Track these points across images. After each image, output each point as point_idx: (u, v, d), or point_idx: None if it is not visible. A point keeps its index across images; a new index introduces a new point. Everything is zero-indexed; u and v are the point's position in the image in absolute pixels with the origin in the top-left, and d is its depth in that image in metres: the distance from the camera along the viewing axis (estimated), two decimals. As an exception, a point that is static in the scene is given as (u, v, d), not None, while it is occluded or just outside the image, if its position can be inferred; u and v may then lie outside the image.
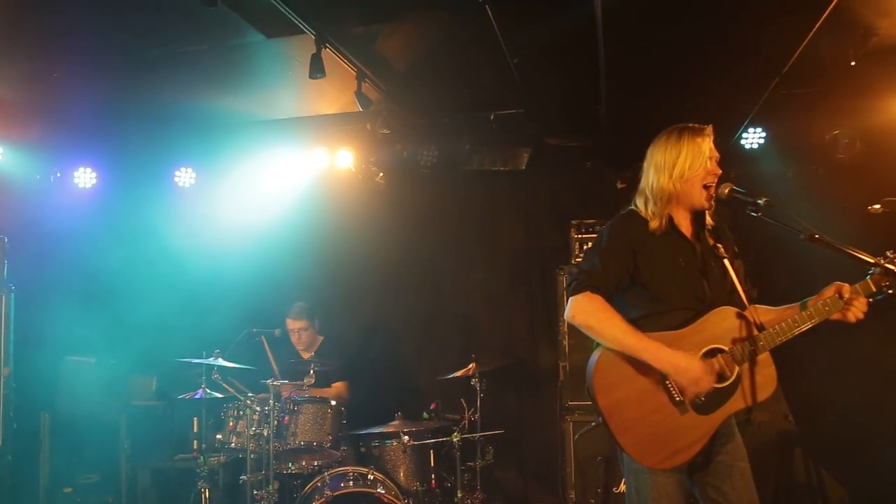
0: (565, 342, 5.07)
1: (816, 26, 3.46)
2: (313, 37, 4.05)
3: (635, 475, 2.76)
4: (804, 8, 3.14)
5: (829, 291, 2.71)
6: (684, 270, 2.80)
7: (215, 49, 4.53)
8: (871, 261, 2.47)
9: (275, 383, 4.60)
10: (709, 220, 2.90)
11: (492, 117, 5.42)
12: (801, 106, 5.21)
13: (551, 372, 5.34)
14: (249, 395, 4.77)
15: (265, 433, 4.52)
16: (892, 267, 2.45)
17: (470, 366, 4.95)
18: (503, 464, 5.64)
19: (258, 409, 4.62)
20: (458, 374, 5.00)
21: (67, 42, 4.42)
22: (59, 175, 6.27)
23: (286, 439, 4.61)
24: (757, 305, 2.89)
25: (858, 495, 5.25)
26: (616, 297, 2.83)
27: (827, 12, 3.27)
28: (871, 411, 4.73)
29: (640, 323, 2.77)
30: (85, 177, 6.28)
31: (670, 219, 2.85)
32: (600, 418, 2.76)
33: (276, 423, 4.55)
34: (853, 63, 4.29)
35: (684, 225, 2.89)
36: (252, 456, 4.57)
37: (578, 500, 4.79)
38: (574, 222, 5.18)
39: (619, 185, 5.48)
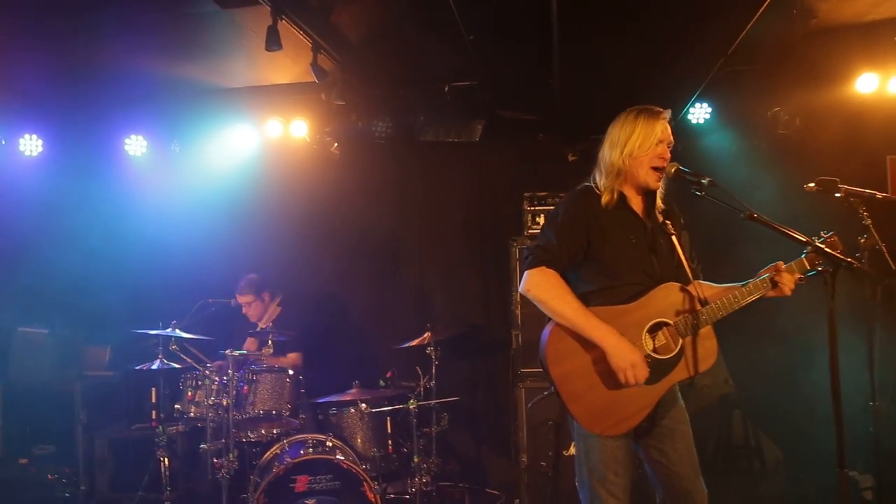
0: (518, 311, 5.19)
1: (762, 8, 3.57)
2: (269, 7, 4.02)
3: (584, 440, 2.90)
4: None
5: (768, 270, 2.86)
6: (635, 247, 2.92)
7: (169, 16, 4.47)
8: (804, 240, 2.62)
9: (233, 353, 4.63)
10: (659, 201, 3.00)
11: (446, 89, 5.47)
12: (746, 83, 5.39)
13: (504, 340, 5.46)
14: (208, 364, 4.80)
15: (224, 402, 4.55)
16: (822, 247, 2.60)
17: (425, 335, 5.04)
18: (458, 429, 5.79)
19: (217, 378, 4.65)
20: (414, 343, 5.09)
21: (13, 5, 4.30)
22: (3, 143, 6.09)
23: (245, 408, 4.65)
24: (701, 282, 3.04)
25: (792, 455, 5.56)
26: (570, 272, 2.94)
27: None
28: (803, 373, 4.99)
29: (592, 297, 2.90)
30: (31, 144, 6.13)
31: (622, 196, 2.96)
32: (552, 387, 2.88)
33: (234, 392, 4.59)
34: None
35: (636, 203, 3.00)
36: (211, 425, 4.60)
37: (530, 464, 4.95)
38: (527, 194, 5.27)
39: (571, 158, 5.59)
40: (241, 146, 6.04)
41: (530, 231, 5.21)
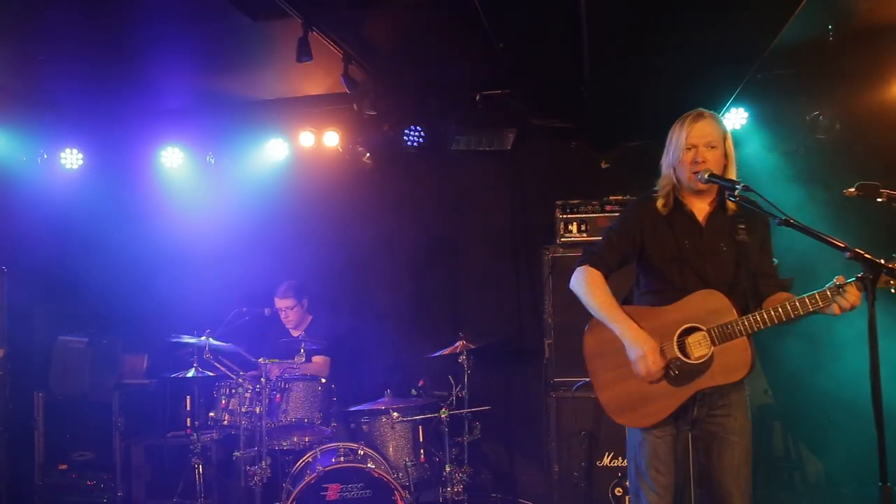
0: (550, 320, 5.16)
1: (797, 10, 3.50)
2: (300, 20, 4.07)
3: (632, 435, 3.03)
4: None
5: (832, 285, 2.68)
6: (689, 251, 2.94)
7: (204, 30, 4.55)
8: (842, 245, 2.54)
9: (266, 362, 4.67)
10: (730, 204, 2.94)
11: (477, 98, 5.48)
12: (783, 87, 5.29)
13: (536, 349, 5.44)
14: (241, 373, 4.85)
15: (257, 410, 4.59)
16: (860, 251, 2.51)
17: (457, 343, 5.02)
18: (490, 438, 5.77)
19: (250, 387, 4.69)
20: (446, 351, 5.08)
21: (52, 23, 4.42)
22: (45, 156, 6.26)
23: (278, 417, 4.69)
24: (782, 292, 2.91)
25: (834, 468, 5.42)
26: (639, 272, 3.10)
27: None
28: (845, 384, 4.87)
29: (646, 298, 3.03)
30: (72, 158, 6.29)
31: (678, 200, 2.97)
32: (589, 378, 3.04)
33: (267, 400, 4.63)
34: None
35: (696, 206, 2.99)
36: (245, 433, 4.65)
37: (562, 474, 4.91)
38: (559, 203, 5.24)
39: (604, 166, 5.54)
40: (274, 157, 6.12)
41: (563, 239, 5.16)
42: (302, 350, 4.77)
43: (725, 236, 2.94)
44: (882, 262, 2.51)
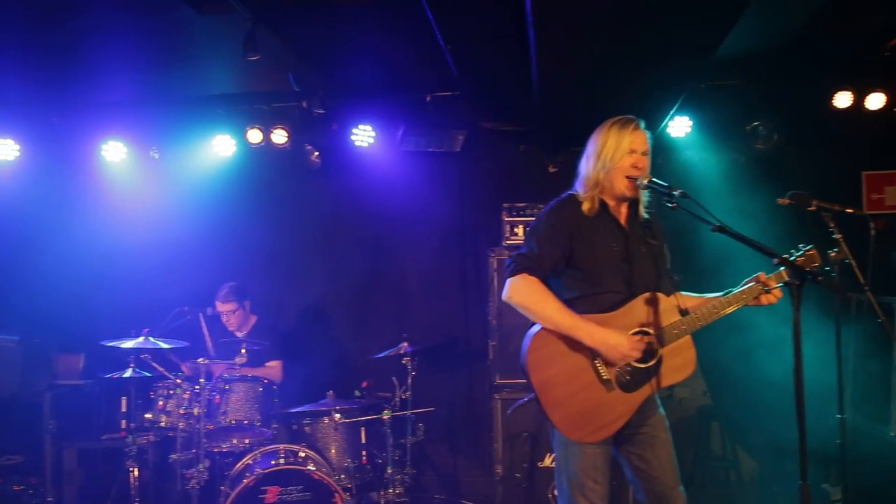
0: (494, 322, 5.19)
1: (736, 22, 3.59)
2: (247, 16, 4.01)
3: (564, 447, 2.93)
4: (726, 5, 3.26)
5: (751, 281, 2.89)
6: (616, 255, 2.95)
7: (148, 22, 4.44)
8: (771, 252, 2.62)
9: (206, 362, 4.58)
10: (641, 210, 3.03)
11: (428, 99, 5.48)
12: (726, 97, 5.44)
13: (482, 350, 5.46)
14: (179, 374, 4.75)
15: (196, 412, 4.51)
16: (787, 258, 2.61)
17: (401, 345, 5.02)
18: (435, 440, 5.78)
19: (189, 388, 4.59)
20: (391, 353, 5.07)
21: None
22: (-22, 147, 6.03)
23: (217, 418, 4.61)
24: (681, 292, 3.04)
25: (768, 467, 5.58)
26: (553, 279, 2.99)
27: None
28: (778, 386, 5.01)
29: (574, 303, 2.93)
30: (7, 148, 6.05)
31: (603, 204, 2.99)
32: (533, 394, 2.90)
33: (206, 402, 4.54)
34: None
35: (617, 211, 3.03)
36: (182, 435, 4.55)
37: (505, 475, 4.93)
38: (505, 205, 5.28)
39: (552, 170, 5.61)
40: (221, 154, 5.99)
41: (508, 241, 5.20)
42: (243, 350, 4.68)
43: (643, 240, 3.01)
44: (800, 264, 2.64)
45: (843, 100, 5.17)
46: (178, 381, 4.64)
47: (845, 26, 4.54)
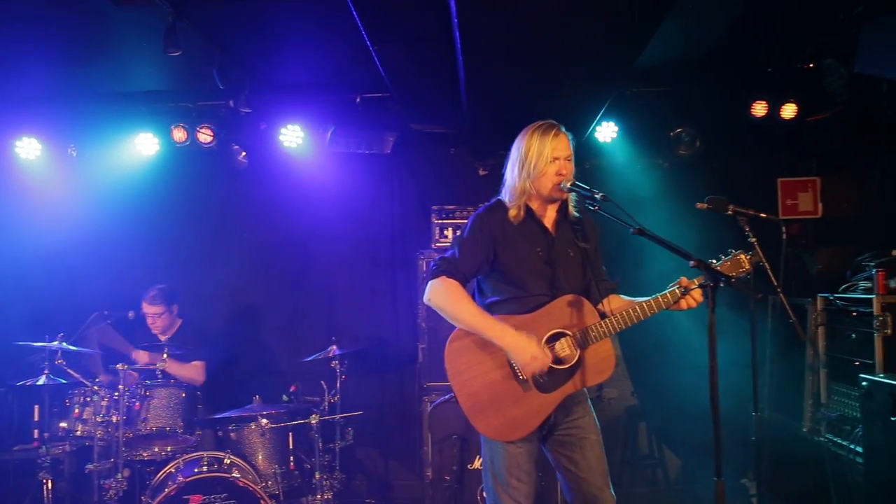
0: (424, 324, 5.19)
1: (655, 31, 3.68)
2: (168, 9, 3.88)
3: (489, 446, 2.99)
4: (646, 12, 3.33)
5: (674, 284, 2.94)
6: (541, 259, 2.99)
7: (63, 11, 4.24)
8: (687, 255, 2.69)
9: (125, 368, 4.42)
10: (571, 211, 3.08)
11: (358, 100, 5.43)
12: (651, 104, 5.57)
13: (412, 353, 5.45)
14: (97, 380, 4.58)
15: (114, 420, 4.36)
16: (702, 262, 2.67)
17: (331, 348, 4.97)
18: (365, 444, 5.76)
19: (107, 394, 4.43)
20: (319, 356, 5.01)
21: None
22: None
23: (137, 425, 4.46)
24: (614, 295, 3.11)
25: (692, 464, 5.74)
26: (481, 281, 3.07)
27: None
28: (700, 385, 5.16)
29: (498, 306, 2.99)
30: (-89, 144, 5.73)
31: (529, 209, 3.03)
32: (452, 395, 2.98)
33: (125, 408, 4.40)
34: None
35: (545, 215, 3.07)
36: (100, 444, 4.40)
37: (435, 478, 4.93)
38: (434, 207, 5.30)
39: (482, 173, 5.64)
40: (143, 152, 5.78)
41: (437, 244, 5.21)
42: (165, 356, 4.55)
43: (571, 243, 3.06)
44: (719, 267, 2.74)
45: (759, 109, 5.36)
46: (96, 387, 4.47)
47: (759, 40, 4.71)
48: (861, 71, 4.28)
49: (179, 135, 5.66)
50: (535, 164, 2.96)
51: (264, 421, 4.64)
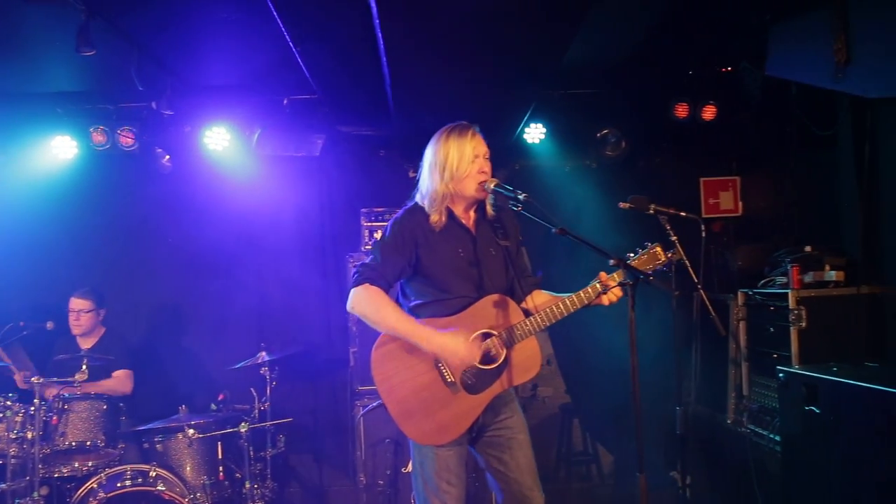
0: (354, 328, 5.15)
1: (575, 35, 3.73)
2: (80, 7, 3.73)
3: (418, 451, 2.97)
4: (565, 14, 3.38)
5: (594, 281, 2.98)
6: (463, 260, 2.98)
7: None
8: (607, 254, 2.74)
9: (40, 381, 4.24)
10: (489, 210, 3.08)
11: (285, 102, 5.34)
12: (578, 105, 5.66)
13: (343, 358, 5.40)
14: (11, 395, 4.37)
15: (29, 436, 4.17)
16: (619, 260, 2.74)
17: (260, 354, 4.88)
18: (298, 451, 5.69)
19: (21, 409, 4.24)
20: (248, 363, 4.91)
21: None
22: None
23: (54, 441, 4.28)
24: (537, 291, 3.13)
25: (624, 459, 5.86)
26: (404, 285, 3.04)
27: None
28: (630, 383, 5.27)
29: (422, 309, 2.97)
30: None
31: (450, 212, 3.01)
32: (381, 401, 2.94)
33: (42, 423, 4.22)
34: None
35: (464, 216, 3.06)
36: (14, 462, 4.20)
37: (368, 483, 4.90)
38: (364, 210, 5.28)
39: (412, 174, 5.59)
40: (61, 156, 5.54)
41: (367, 247, 5.19)
42: (84, 367, 4.38)
43: (492, 241, 3.07)
44: (636, 261, 2.85)
45: (681, 110, 5.51)
46: (9, 402, 4.27)
47: (679, 44, 4.83)
48: (771, 74, 4.44)
49: (99, 138, 5.47)
50: (457, 167, 2.94)
51: (191, 431, 4.52)
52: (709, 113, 5.52)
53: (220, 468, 4.67)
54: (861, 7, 3.68)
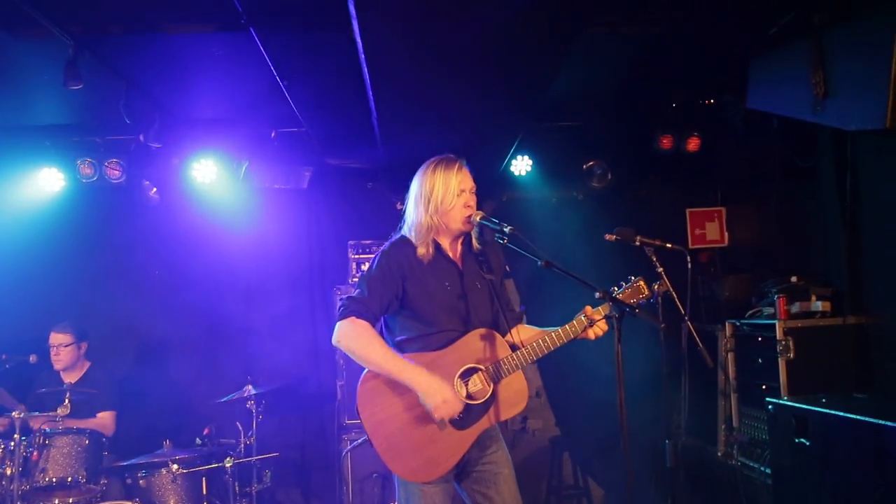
0: (342, 362, 5.12)
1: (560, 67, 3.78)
2: (69, 42, 3.75)
3: (403, 487, 2.91)
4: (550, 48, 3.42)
5: (580, 315, 2.97)
6: (449, 294, 2.97)
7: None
8: (593, 287, 2.74)
9: (21, 415, 4.17)
10: (475, 243, 3.08)
11: (273, 134, 5.37)
12: (564, 138, 5.72)
13: (331, 391, 5.36)
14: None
15: (8, 472, 4.10)
16: (605, 293, 2.74)
17: (246, 387, 4.83)
18: (284, 485, 5.61)
19: (1, 444, 4.16)
20: (234, 396, 4.85)
21: None
22: None
23: (34, 477, 4.20)
24: (522, 325, 3.12)
25: (614, 494, 5.80)
26: (389, 319, 3.00)
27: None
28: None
29: (408, 344, 2.94)
30: None
31: (437, 244, 3.00)
32: (366, 437, 2.89)
33: (22, 459, 4.14)
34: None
35: (451, 249, 3.05)
36: (-7, 499, 4.13)
37: (356, 517, 4.84)
38: (351, 242, 5.29)
39: (399, 207, 5.61)
40: (47, 189, 5.54)
41: (354, 279, 5.17)
42: (66, 401, 4.32)
43: (478, 275, 3.06)
44: (620, 295, 2.82)
45: (666, 142, 5.56)
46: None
47: (663, 76, 4.90)
48: (752, 107, 4.50)
49: (86, 170, 5.47)
50: (442, 199, 2.95)
51: (175, 466, 4.46)
52: (693, 144, 5.58)
53: (205, 504, 4.59)
54: (837, 42, 3.75)
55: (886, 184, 4.07)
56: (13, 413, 4.18)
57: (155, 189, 5.58)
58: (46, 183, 5.53)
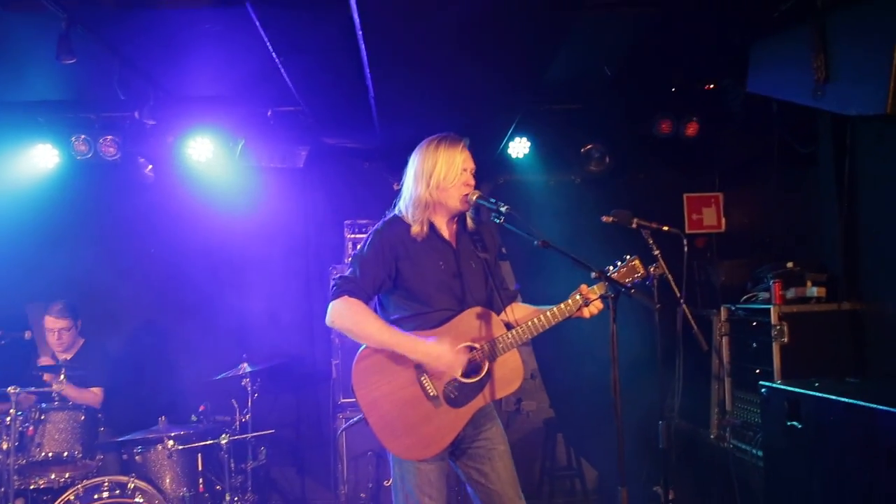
0: (337, 340, 5.13)
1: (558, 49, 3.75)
2: (62, 15, 3.70)
3: (398, 465, 2.93)
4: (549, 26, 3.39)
5: (575, 294, 2.98)
6: (444, 273, 2.96)
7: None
8: (589, 267, 2.74)
9: (16, 391, 4.17)
10: (469, 223, 3.08)
11: (269, 113, 5.33)
12: (562, 120, 5.69)
13: (326, 370, 5.37)
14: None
15: (4, 446, 4.11)
16: (600, 273, 2.74)
17: (241, 365, 4.84)
18: (280, 463, 5.66)
19: (-4, 419, 4.18)
20: (230, 374, 4.87)
21: None
22: None
23: (30, 451, 4.22)
24: (517, 304, 3.12)
25: (608, 475, 5.84)
26: (384, 298, 3.00)
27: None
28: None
29: (403, 322, 2.93)
30: None
31: (430, 224, 2.99)
32: (362, 415, 2.90)
33: (18, 434, 4.16)
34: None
35: (445, 229, 3.05)
36: (-12, 473, 4.14)
37: (350, 496, 4.86)
38: (347, 222, 5.29)
39: (396, 187, 5.60)
40: (41, 165, 5.49)
41: (349, 258, 5.16)
42: (62, 377, 4.32)
43: (472, 254, 3.06)
44: (615, 274, 2.83)
45: (665, 126, 5.54)
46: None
47: (663, 60, 4.87)
48: (752, 91, 4.48)
49: (81, 147, 5.42)
50: (445, 176, 2.94)
51: (171, 442, 4.48)
52: (692, 129, 5.55)
53: (200, 480, 4.62)
54: (839, 26, 3.73)
55: (886, 170, 4.06)
56: (9, 389, 4.18)
57: (150, 166, 5.55)
58: (41, 159, 5.49)
